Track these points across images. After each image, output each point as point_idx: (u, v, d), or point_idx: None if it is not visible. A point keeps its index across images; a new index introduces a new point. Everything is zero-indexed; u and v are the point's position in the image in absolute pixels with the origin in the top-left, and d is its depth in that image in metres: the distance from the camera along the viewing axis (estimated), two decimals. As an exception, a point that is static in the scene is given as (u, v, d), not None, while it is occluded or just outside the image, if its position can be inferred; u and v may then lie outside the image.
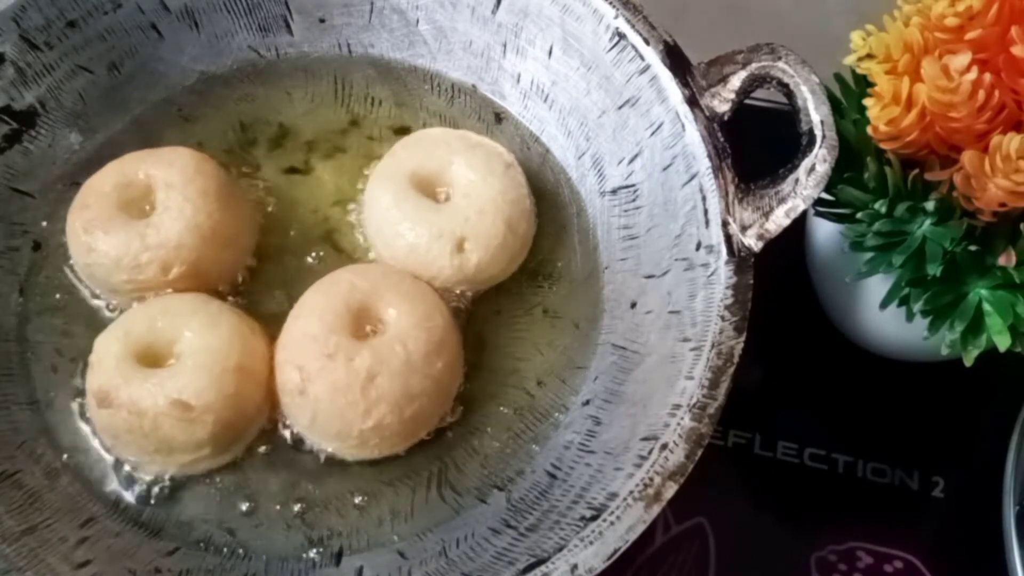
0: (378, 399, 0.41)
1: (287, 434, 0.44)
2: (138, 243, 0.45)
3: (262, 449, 0.44)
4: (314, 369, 0.42)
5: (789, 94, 0.43)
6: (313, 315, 0.43)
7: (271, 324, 0.46)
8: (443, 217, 0.46)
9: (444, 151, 0.48)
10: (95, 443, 0.44)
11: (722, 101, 0.45)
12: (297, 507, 0.43)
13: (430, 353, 0.43)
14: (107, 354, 0.43)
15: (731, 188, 0.44)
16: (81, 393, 0.45)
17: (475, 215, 0.46)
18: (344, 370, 0.41)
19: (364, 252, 0.49)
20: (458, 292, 0.47)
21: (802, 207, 0.42)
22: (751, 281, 0.42)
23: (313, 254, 0.49)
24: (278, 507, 0.43)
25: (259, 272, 0.48)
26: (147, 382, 0.41)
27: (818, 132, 0.42)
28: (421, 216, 0.46)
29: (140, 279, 0.45)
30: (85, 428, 0.44)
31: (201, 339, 0.43)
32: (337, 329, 0.42)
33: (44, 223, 0.49)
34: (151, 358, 0.43)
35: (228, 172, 0.50)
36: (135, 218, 0.46)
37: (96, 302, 0.47)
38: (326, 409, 0.42)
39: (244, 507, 0.43)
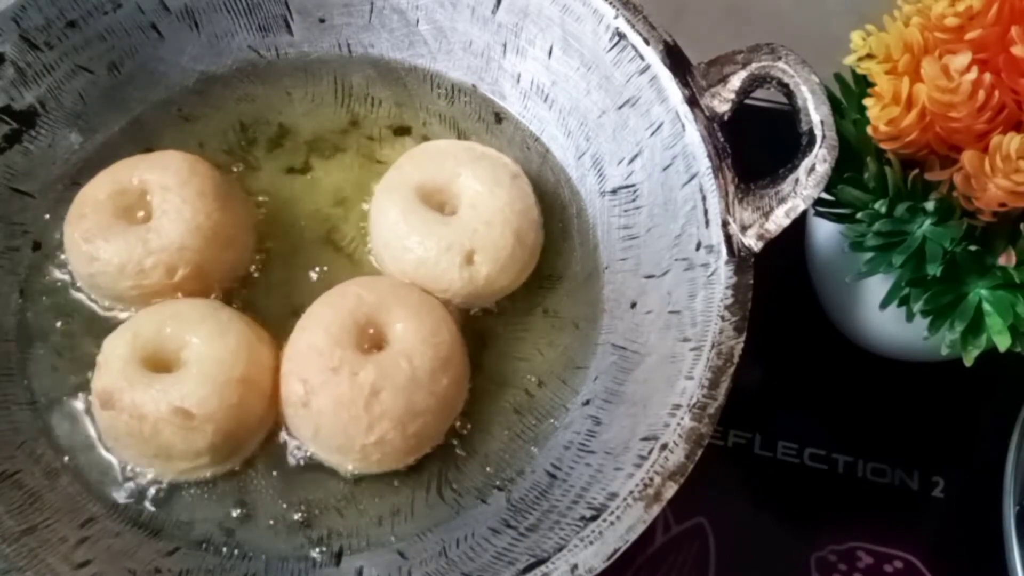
0: (381, 415, 0.41)
1: (290, 444, 0.44)
2: (141, 248, 0.45)
3: (264, 455, 0.44)
4: (318, 382, 0.42)
5: (789, 94, 0.43)
6: (319, 328, 0.43)
7: (272, 325, 0.46)
8: (451, 230, 0.46)
9: (450, 163, 0.48)
10: (95, 443, 0.44)
11: (722, 101, 0.45)
12: (297, 508, 0.43)
13: (436, 370, 0.42)
14: (114, 355, 0.43)
15: (731, 188, 0.44)
16: (81, 393, 0.45)
17: (483, 227, 0.46)
18: (348, 384, 0.41)
19: (365, 251, 0.49)
20: (467, 309, 0.47)
21: (802, 207, 0.42)
22: (751, 281, 0.42)
23: (313, 254, 0.49)
24: (278, 508, 0.43)
25: (260, 272, 0.48)
26: (151, 387, 0.41)
27: (818, 132, 0.42)
28: (429, 229, 0.46)
29: (146, 284, 0.45)
30: (85, 428, 0.44)
31: (208, 347, 0.42)
32: (343, 342, 0.42)
33: (44, 223, 0.49)
34: (158, 362, 0.43)
35: (225, 172, 0.50)
36: (133, 225, 0.46)
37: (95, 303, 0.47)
38: (329, 423, 0.42)
39: (244, 508, 0.43)
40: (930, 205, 0.40)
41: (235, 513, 0.43)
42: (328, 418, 0.42)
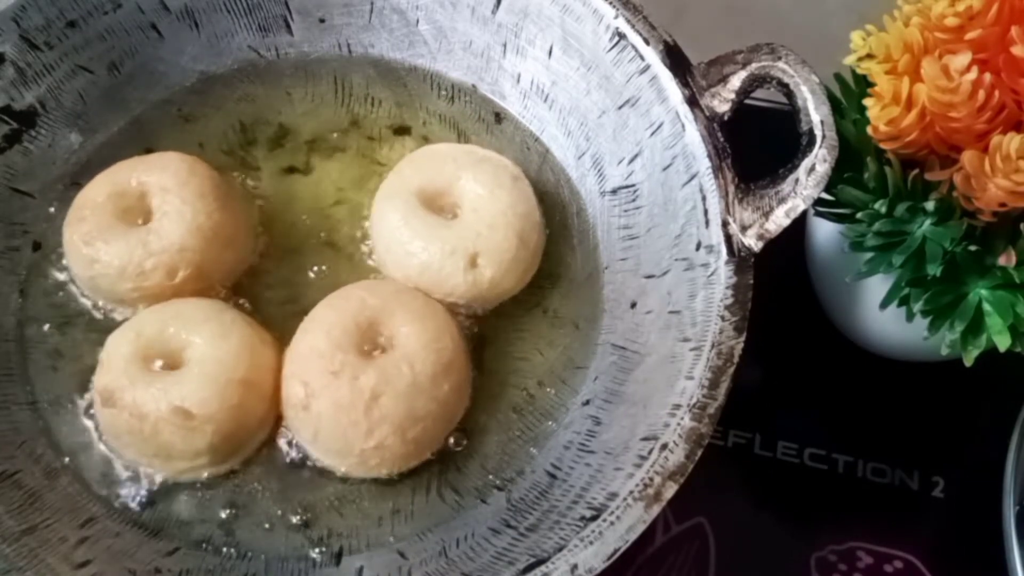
0: (381, 419, 0.41)
1: (290, 446, 0.44)
2: (141, 250, 0.45)
3: (264, 455, 0.44)
4: (319, 385, 0.42)
5: (789, 94, 0.43)
6: (321, 330, 0.43)
7: (272, 325, 0.46)
8: (454, 233, 0.46)
9: (451, 167, 0.48)
10: (96, 443, 0.44)
11: (722, 101, 0.45)
12: (297, 508, 0.43)
13: (437, 375, 0.42)
14: (116, 354, 0.43)
15: (731, 188, 0.44)
16: (82, 393, 0.45)
17: (486, 230, 0.46)
18: (348, 388, 0.41)
19: (365, 252, 0.49)
20: (470, 312, 0.47)
21: (802, 207, 0.42)
22: (751, 281, 0.42)
23: (314, 255, 0.49)
24: (278, 508, 0.43)
25: (261, 273, 0.48)
26: (152, 386, 0.41)
27: (818, 132, 0.42)
28: (432, 233, 0.46)
29: (146, 286, 0.45)
30: (86, 428, 0.44)
31: (210, 348, 0.42)
32: (344, 346, 0.42)
33: (44, 223, 0.49)
34: (160, 362, 0.43)
35: (224, 172, 0.50)
36: (133, 226, 0.46)
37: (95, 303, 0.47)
38: (328, 426, 0.42)
39: (244, 508, 0.43)
40: (930, 205, 0.40)
41: (235, 513, 0.43)
42: (328, 421, 0.41)
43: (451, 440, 0.44)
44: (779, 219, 0.42)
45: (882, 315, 0.43)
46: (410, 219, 0.46)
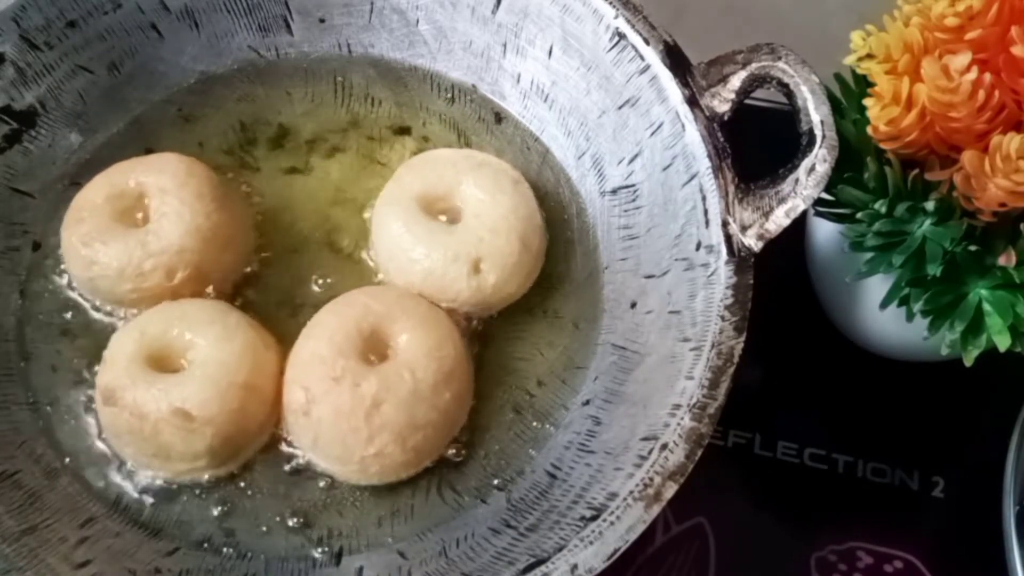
0: (381, 427, 0.41)
1: (290, 451, 0.44)
2: (140, 251, 0.44)
3: (264, 459, 0.44)
4: (320, 391, 0.42)
5: (789, 94, 0.43)
6: (324, 336, 0.43)
7: (271, 326, 0.46)
8: (456, 239, 0.46)
9: (451, 172, 0.48)
10: (96, 442, 0.44)
11: (722, 101, 0.45)
12: (296, 509, 0.43)
13: (439, 383, 0.42)
14: (120, 352, 0.43)
15: (731, 188, 0.44)
16: (82, 393, 0.45)
17: (488, 235, 0.46)
18: (349, 395, 0.41)
19: (364, 252, 0.49)
20: (473, 317, 0.47)
21: (802, 207, 0.42)
22: (751, 281, 0.42)
23: (313, 255, 0.49)
24: (278, 510, 0.43)
25: (260, 274, 0.48)
26: (153, 387, 0.41)
27: (818, 132, 0.42)
28: (434, 240, 0.46)
29: (145, 287, 0.45)
30: (86, 428, 0.44)
31: (213, 350, 0.42)
32: (346, 352, 0.42)
33: (44, 223, 0.49)
34: (163, 362, 0.43)
35: (223, 173, 0.50)
36: (131, 228, 0.46)
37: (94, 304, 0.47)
38: (328, 432, 0.41)
39: (244, 509, 0.43)
40: (930, 205, 0.40)
41: (235, 514, 0.43)
42: (328, 427, 0.41)
43: (451, 441, 0.44)
44: (779, 219, 0.42)
45: (882, 315, 0.43)
46: (411, 226, 0.46)
